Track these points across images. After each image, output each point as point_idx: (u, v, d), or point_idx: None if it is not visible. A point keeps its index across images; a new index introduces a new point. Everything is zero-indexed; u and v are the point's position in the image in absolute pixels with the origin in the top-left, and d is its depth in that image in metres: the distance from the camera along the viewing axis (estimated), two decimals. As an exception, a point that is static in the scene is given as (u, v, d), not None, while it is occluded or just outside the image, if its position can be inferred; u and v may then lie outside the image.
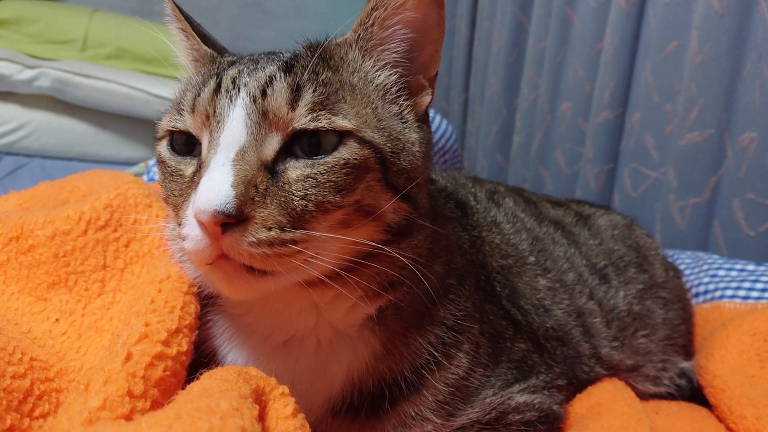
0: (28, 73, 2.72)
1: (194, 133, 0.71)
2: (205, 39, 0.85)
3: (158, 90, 2.81)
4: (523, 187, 1.78)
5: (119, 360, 0.59)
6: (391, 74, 0.76)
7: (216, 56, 0.82)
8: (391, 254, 0.70)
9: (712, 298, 1.44)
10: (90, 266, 0.82)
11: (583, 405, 0.94)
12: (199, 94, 0.71)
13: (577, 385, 0.99)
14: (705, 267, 1.57)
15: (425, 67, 0.78)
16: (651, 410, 0.99)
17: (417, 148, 0.74)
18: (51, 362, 0.70)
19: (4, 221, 0.84)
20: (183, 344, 0.66)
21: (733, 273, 1.49)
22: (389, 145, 0.70)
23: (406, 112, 0.76)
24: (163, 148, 0.75)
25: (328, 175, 0.66)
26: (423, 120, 0.79)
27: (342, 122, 0.67)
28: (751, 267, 1.50)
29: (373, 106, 0.73)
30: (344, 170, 0.66)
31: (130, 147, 2.99)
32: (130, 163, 2.79)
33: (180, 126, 0.72)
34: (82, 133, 2.92)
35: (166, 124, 0.75)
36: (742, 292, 1.41)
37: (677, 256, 1.68)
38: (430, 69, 0.78)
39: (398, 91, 0.76)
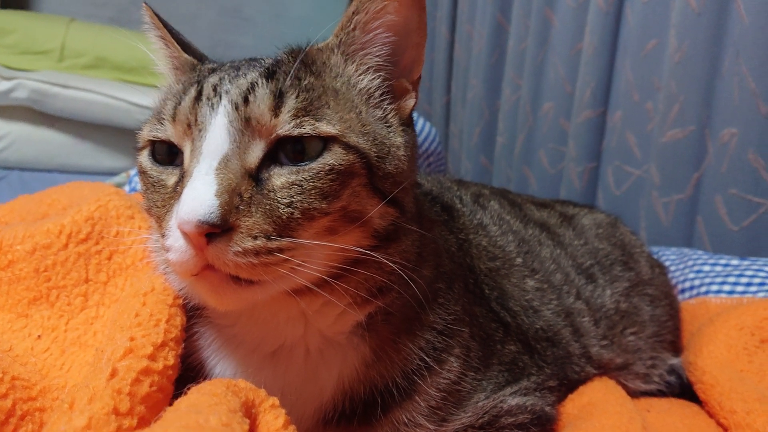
0: (4, 85, 2.69)
1: (176, 143, 0.70)
2: (185, 46, 0.84)
3: (138, 99, 2.78)
4: (507, 187, 1.78)
5: (104, 376, 0.58)
6: (374, 78, 0.75)
7: (196, 64, 0.80)
8: (379, 260, 0.70)
9: (698, 294, 1.45)
10: (72, 280, 0.81)
11: (574, 405, 0.94)
12: (179, 103, 0.69)
13: (569, 386, 0.99)
14: (690, 263, 1.57)
15: (408, 71, 0.77)
16: (642, 408, 0.99)
17: (402, 152, 0.74)
18: (33, 381, 0.69)
19: (-17, 237, 0.82)
20: (169, 358, 0.65)
21: (718, 268, 1.50)
22: (374, 149, 0.70)
23: (390, 116, 0.75)
24: (144, 158, 0.74)
25: (314, 182, 0.65)
26: (408, 124, 0.78)
27: (326, 128, 0.66)
28: (735, 262, 1.51)
29: (357, 110, 0.72)
30: (329, 176, 0.65)
31: (111, 157, 2.96)
32: (111, 174, 2.76)
33: (161, 135, 0.71)
34: (62, 144, 2.88)
35: (146, 133, 0.73)
36: (727, 287, 1.41)
37: (662, 252, 1.69)
38: (413, 72, 0.77)
39: (382, 95, 0.76)
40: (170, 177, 0.71)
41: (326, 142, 0.66)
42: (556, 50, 2.41)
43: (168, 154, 0.71)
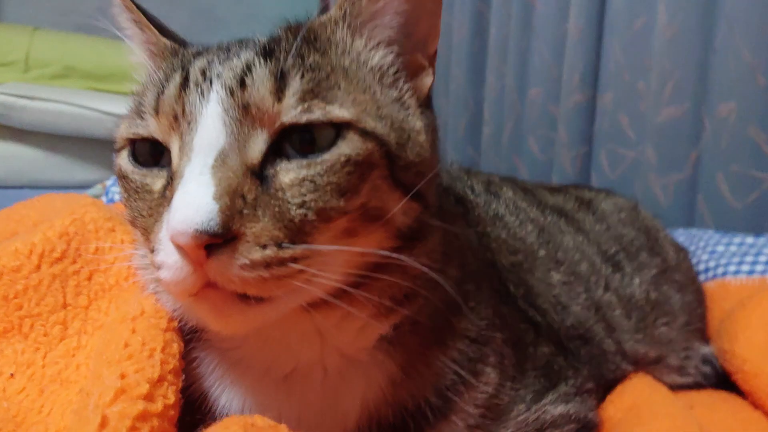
0: (-33, 100, 2.58)
1: (161, 139, 0.59)
2: (163, 30, 0.73)
3: (111, 107, 2.68)
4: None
5: (92, 428, 0.47)
6: (386, 54, 0.66)
7: (178, 48, 0.70)
8: (404, 263, 0.60)
9: (715, 276, 1.38)
10: (47, 307, 0.70)
11: (616, 408, 0.86)
12: (162, 92, 0.59)
13: (605, 386, 0.91)
14: (702, 244, 1.51)
15: (423, 43, 0.67)
16: (686, 404, 0.92)
17: (423, 138, 0.64)
18: (8, 429, 0.58)
19: (-58, 263, 0.71)
20: (169, 395, 0.54)
21: (733, 248, 1.44)
22: (393, 135, 0.60)
23: (407, 96, 0.66)
24: (123, 160, 0.63)
25: (328, 176, 0.55)
26: (426, 105, 0.68)
27: (339, 112, 0.56)
28: (750, 240, 1.45)
29: (371, 91, 0.62)
30: (346, 169, 0.56)
31: (85, 169, 2.86)
32: (85, 187, 2.65)
33: (142, 132, 0.60)
34: (33, 158, 2.79)
35: (125, 131, 0.63)
36: (745, 267, 1.35)
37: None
38: (429, 45, 0.68)
39: (396, 72, 0.66)
40: (156, 180, 0.60)
41: (339, 128, 0.57)
42: (540, 34, 2.37)
43: (152, 153, 0.61)
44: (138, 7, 0.72)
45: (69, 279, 0.72)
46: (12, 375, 0.65)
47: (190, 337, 0.67)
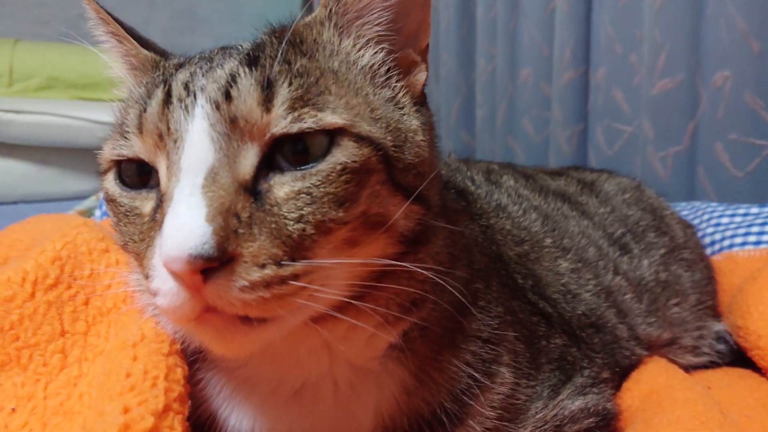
0: (-48, 118, 2.55)
1: (147, 160, 0.57)
2: (143, 42, 0.70)
3: (99, 116, 2.64)
4: (492, 161, 1.69)
5: (96, 470, 0.46)
6: (376, 52, 0.63)
7: (159, 60, 0.67)
8: (410, 269, 0.58)
9: (721, 249, 1.36)
10: (45, 336, 0.68)
11: (634, 396, 0.84)
12: (145, 109, 0.56)
13: (620, 373, 0.89)
14: (706, 216, 1.49)
15: (414, 38, 0.65)
16: (703, 386, 0.90)
17: (421, 137, 0.62)
18: (11, 470, 0.57)
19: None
20: (176, 425, 0.52)
21: (738, 219, 1.42)
22: (389, 137, 0.58)
23: (401, 95, 0.63)
24: (110, 183, 0.61)
25: (325, 187, 0.53)
26: (421, 102, 0.66)
27: (331, 118, 0.54)
28: (754, 210, 1.43)
29: (363, 93, 0.60)
30: (343, 177, 0.53)
31: (78, 180, 2.82)
32: (80, 198, 2.63)
33: (127, 153, 0.58)
34: (24, 172, 2.77)
35: (109, 152, 0.60)
36: (752, 238, 1.33)
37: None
38: (420, 40, 0.65)
39: (388, 71, 0.63)
40: (146, 203, 0.58)
41: (333, 135, 0.54)
42: (527, 13, 2.35)
43: (139, 174, 0.58)
44: (115, 19, 0.69)
45: (65, 305, 0.70)
46: (13, 410, 0.63)
47: (194, 357, 0.65)
